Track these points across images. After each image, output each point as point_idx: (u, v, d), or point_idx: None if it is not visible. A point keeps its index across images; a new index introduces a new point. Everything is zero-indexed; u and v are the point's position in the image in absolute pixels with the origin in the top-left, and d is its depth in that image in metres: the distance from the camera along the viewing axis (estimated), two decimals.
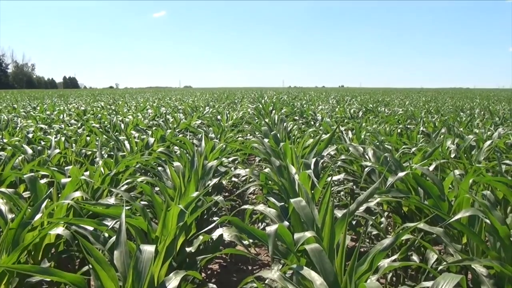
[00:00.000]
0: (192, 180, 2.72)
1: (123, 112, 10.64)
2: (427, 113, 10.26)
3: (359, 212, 2.55)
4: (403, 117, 8.66)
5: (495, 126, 7.03)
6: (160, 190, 2.79)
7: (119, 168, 3.38)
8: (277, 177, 3.09)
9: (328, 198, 2.18)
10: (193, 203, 2.36)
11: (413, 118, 8.29)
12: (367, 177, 3.47)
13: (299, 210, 2.16)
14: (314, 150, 3.82)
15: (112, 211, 2.26)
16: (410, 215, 2.87)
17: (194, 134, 6.41)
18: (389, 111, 10.73)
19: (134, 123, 7.31)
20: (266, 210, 2.42)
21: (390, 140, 4.75)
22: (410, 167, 2.99)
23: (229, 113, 9.16)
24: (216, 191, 3.73)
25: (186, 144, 4.60)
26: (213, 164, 3.35)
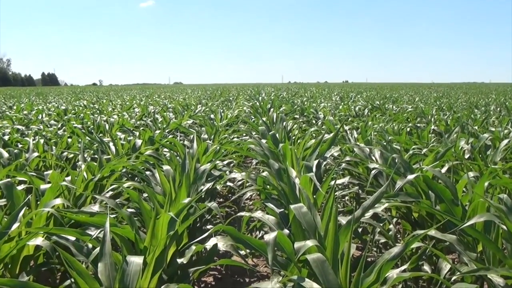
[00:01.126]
0: (183, 185, 2.72)
1: (108, 111, 10.63)
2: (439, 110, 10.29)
3: (365, 219, 2.56)
4: (413, 114, 8.69)
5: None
6: (149, 196, 2.79)
7: (103, 172, 3.38)
8: (276, 181, 3.09)
9: (331, 203, 2.19)
10: (184, 210, 2.36)
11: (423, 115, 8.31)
12: (373, 180, 3.48)
13: (300, 216, 2.17)
14: (316, 152, 3.82)
15: (96, 220, 2.26)
16: (421, 221, 2.88)
17: (185, 135, 6.41)
18: (397, 108, 10.76)
19: (120, 123, 7.30)
20: (264, 217, 2.42)
21: (398, 140, 4.77)
22: (421, 169, 3.00)
23: (223, 112, 9.16)
24: (210, 197, 3.73)
25: (177, 146, 4.60)
26: (206, 168, 3.35)
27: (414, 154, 4.00)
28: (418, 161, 3.73)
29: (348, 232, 1.97)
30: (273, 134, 4.90)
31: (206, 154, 4.13)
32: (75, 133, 6.16)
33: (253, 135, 5.46)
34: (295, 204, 2.32)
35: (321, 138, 4.08)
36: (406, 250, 1.85)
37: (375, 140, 4.52)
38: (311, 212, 2.27)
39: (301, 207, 2.25)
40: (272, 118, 7.51)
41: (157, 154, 4.31)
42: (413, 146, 4.44)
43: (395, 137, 4.98)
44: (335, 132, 4.16)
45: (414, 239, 1.88)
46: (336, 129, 5.42)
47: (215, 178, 3.67)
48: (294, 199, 2.67)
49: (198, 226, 3.24)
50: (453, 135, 5.24)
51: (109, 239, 1.84)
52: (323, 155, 3.88)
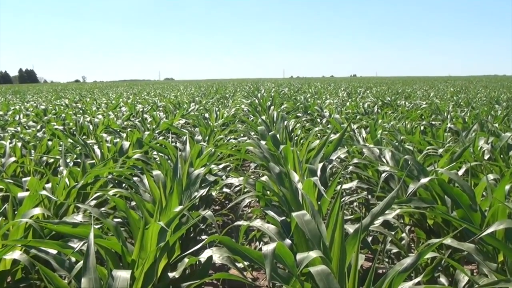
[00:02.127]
0: (174, 192, 2.73)
1: (92, 110, 10.64)
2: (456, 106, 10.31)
3: (375, 227, 2.57)
4: (427, 111, 8.70)
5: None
6: (137, 204, 2.79)
7: (87, 179, 3.39)
8: (276, 187, 3.10)
9: (337, 210, 2.19)
10: (176, 220, 2.37)
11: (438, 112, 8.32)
12: (384, 184, 3.48)
13: (303, 225, 2.17)
14: (320, 153, 3.83)
15: (79, 231, 2.26)
16: (436, 229, 2.89)
17: (177, 136, 6.41)
18: (410, 105, 10.77)
19: (105, 124, 7.31)
20: (264, 226, 2.43)
21: (411, 140, 4.77)
22: (435, 171, 3.01)
23: (219, 111, 9.17)
24: (205, 204, 3.73)
25: (168, 148, 4.61)
26: (200, 172, 3.36)
27: (429, 155, 4.00)
28: (432, 162, 3.74)
29: (355, 242, 1.98)
30: (273, 135, 4.90)
31: (200, 157, 4.14)
32: (56, 135, 6.17)
33: (251, 135, 5.47)
34: (297, 212, 2.33)
35: (327, 138, 4.09)
36: (420, 260, 1.86)
37: (386, 140, 4.52)
38: (315, 220, 2.28)
39: (304, 214, 2.26)
40: (273, 117, 7.52)
41: (146, 158, 4.31)
42: (428, 146, 4.45)
43: (407, 136, 4.99)
44: (341, 132, 4.17)
45: (428, 249, 1.88)
46: (343, 128, 5.43)
47: (210, 183, 3.67)
48: (297, 206, 2.68)
49: (192, 237, 3.24)
50: (471, 134, 5.25)
51: (94, 252, 1.84)
52: (328, 157, 3.89)
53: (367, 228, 2.21)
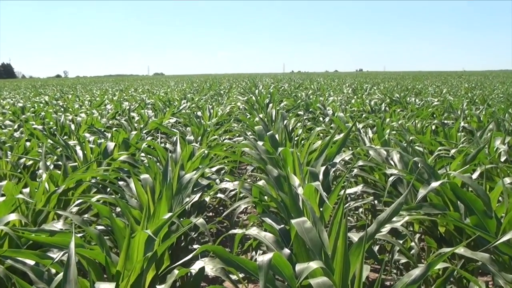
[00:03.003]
0: (164, 198, 2.73)
1: (74, 108, 10.63)
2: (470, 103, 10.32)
3: (382, 235, 2.57)
4: (439, 109, 8.71)
5: None
6: (122, 211, 2.80)
7: (69, 183, 3.39)
8: (275, 191, 3.10)
9: (340, 217, 2.20)
10: (165, 227, 2.37)
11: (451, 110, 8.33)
12: (392, 189, 3.49)
13: (303, 233, 2.18)
14: (323, 155, 3.84)
15: (59, 240, 2.26)
16: (448, 237, 2.90)
17: (167, 137, 6.41)
18: (420, 102, 10.79)
19: (88, 123, 7.31)
20: (261, 235, 2.43)
21: (421, 140, 4.78)
22: (447, 174, 3.02)
23: (212, 108, 9.18)
24: (197, 210, 3.73)
25: (157, 150, 4.61)
26: (192, 176, 3.36)
27: (440, 157, 4.01)
28: (444, 165, 3.75)
29: (360, 251, 1.98)
30: (271, 135, 4.91)
31: (192, 159, 4.14)
32: (34, 135, 6.16)
33: (248, 135, 5.47)
34: (297, 219, 2.33)
35: (330, 139, 4.09)
36: (430, 271, 1.87)
37: (394, 141, 4.53)
38: (317, 227, 2.28)
39: (304, 221, 2.26)
40: (271, 116, 7.53)
41: (133, 160, 4.31)
42: (439, 147, 4.45)
43: (417, 136, 4.99)
44: (346, 132, 4.18)
45: (439, 259, 1.89)
46: (347, 128, 5.43)
47: (203, 188, 3.67)
48: (297, 212, 2.68)
49: (183, 246, 3.25)
50: (486, 134, 5.26)
51: (75, 263, 1.84)
52: (331, 159, 3.89)
53: (373, 237, 2.21)
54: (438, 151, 4.20)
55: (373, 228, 2.18)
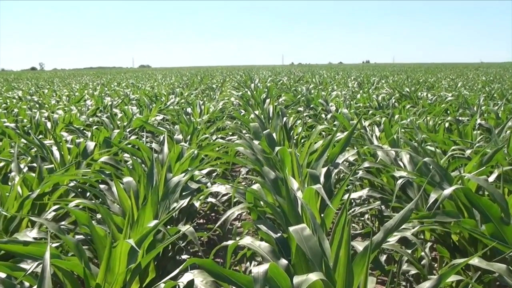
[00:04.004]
0: (149, 203, 2.73)
1: (51, 104, 10.61)
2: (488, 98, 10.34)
3: (389, 244, 2.57)
4: (454, 105, 8.72)
5: None
6: (103, 217, 2.79)
7: (44, 187, 3.38)
8: (271, 196, 3.10)
9: (344, 224, 2.20)
10: (150, 236, 2.37)
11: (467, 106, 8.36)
12: (401, 193, 3.49)
13: (302, 242, 2.18)
14: (324, 156, 3.84)
15: (33, 250, 2.26)
16: (462, 247, 2.90)
17: (154, 135, 6.41)
18: (433, 97, 10.80)
19: (67, 120, 7.30)
20: (255, 244, 2.43)
21: (434, 139, 4.79)
22: (461, 177, 3.02)
23: (203, 104, 9.17)
24: (186, 217, 3.73)
25: (142, 150, 4.61)
26: (180, 179, 3.36)
27: (454, 158, 4.02)
28: (458, 166, 3.75)
29: (364, 262, 1.99)
30: (268, 133, 4.91)
31: (181, 161, 4.13)
32: (6, 134, 6.15)
33: (242, 134, 5.47)
34: (296, 226, 2.33)
35: (332, 137, 4.09)
36: (442, 284, 1.87)
37: (403, 140, 4.54)
38: (317, 235, 2.28)
39: (303, 229, 2.26)
40: (268, 112, 7.52)
41: (116, 162, 4.30)
42: (453, 146, 4.46)
43: (429, 135, 5.00)
44: (350, 130, 4.17)
45: (452, 270, 1.90)
46: (352, 125, 5.43)
47: (192, 192, 3.67)
48: (295, 219, 2.68)
49: (170, 256, 3.25)
50: (505, 132, 5.27)
51: (50, 275, 1.84)
52: (334, 160, 3.89)
53: (379, 246, 2.22)
54: (452, 151, 4.21)
55: (380, 237, 2.18)
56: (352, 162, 4.47)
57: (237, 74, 32.04)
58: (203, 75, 31.84)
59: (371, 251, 1.96)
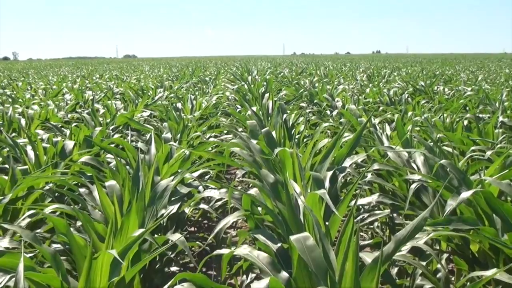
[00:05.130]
0: (133, 209, 2.73)
1: (25, 99, 10.60)
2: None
3: (401, 255, 2.57)
4: (473, 100, 8.73)
5: None
6: (83, 225, 2.79)
7: (17, 191, 3.38)
8: (270, 202, 3.10)
9: (351, 233, 2.20)
10: (135, 246, 2.37)
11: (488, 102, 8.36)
12: (414, 198, 3.50)
13: (305, 252, 2.18)
14: (330, 157, 3.83)
15: (4, 261, 2.26)
16: (482, 258, 2.91)
17: (140, 134, 6.40)
18: (450, 92, 10.81)
19: (43, 117, 7.29)
20: (253, 255, 2.43)
21: (451, 139, 4.79)
22: (482, 181, 3.02)
23: (195, 99, 9.17)
24: (175, 225, 3.73)
25: (126, 150, 4.60)
26: (169, 183, 3.36)
27: (474, 159, 4.02)
28: (478, 169, 3.76)
29: (374, 276, 1.99)
30: (267, 132, 4.90)
31: (170, 162, 4.13)
32: None
33: (238, 132, 5.46)
34: (297, 235, 2.33)
35: (338, 137, 4.09)
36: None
37: (417, 140, 4.54)
38: (322, 246, 2.28)
39: (306, 238, 2.26)
40: (267, 108, 7.53)
41: (97, 163, 4.30)
42: (472, 146, 4.46)
43: (446, 133, 5.00)
44: (360, 129, 4.17)
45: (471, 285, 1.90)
46: (360, 123, 5.44)
47: (183, 197, 3.67)
48: (297, 227, 2.68)
49: (158, 268, 3.24)
50: None
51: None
52: (340, 162, 3.89)
53: (390, 257, 2.22)
54: (471, 152, 4.22)
55: (391, 247, 2.19)
56: (360, 164, 4.47)
57: (233, 66, 32.03)
58: (195, 66, 31.81)
59: (381, 264, 1.96)
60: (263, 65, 33.29)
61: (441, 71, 21.05)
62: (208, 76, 19.66)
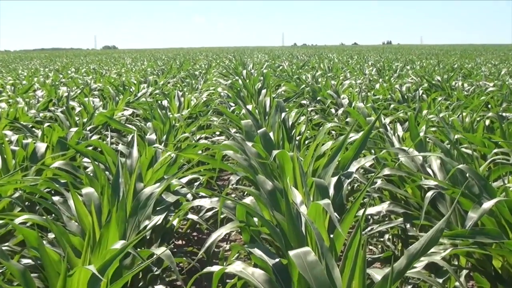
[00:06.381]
0: (113, 220, 2.73)
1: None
2: None
3: (415, 272, 2.58)
4: (496, 97, 8.73)
5: None
6: (57, 238, 2.78)
7: None
8: (268, 212, 3.10)
9: (358, 247, 2.20)
10: (115, 262, 2.36)
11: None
12: (430, 207, 3.50)
13: (305, 270, 2.18)
14: (335, 161, 3.84)
15: None
16: (507, 275, 2.91)
17: (121, 135, 6.40)
18: (470, 87, 10.82)
19: (11, 116, 7.27)
20: (248, 272, 2.43)
21: (471, 140, 4.79)
22: (506, 188, 3.02)
23: (183, 96, 9.16)
24: (160, 237, 3.72)
25: (105, 153, 4.59)
26: (154, 190, 3.35)
27: (497, 164, 4.03)
28: (502, 175, 3.76)
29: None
30: (264, 133, 4.91)
31: (154, 167, 4.13)
32: None
33: (232, 133, 5.47)
34: (298, 249, 2.33)
35: (344, 138, 4.09)
36: None
37: (433, 141, 4.54)
38: (325, 262, 2.28)
39: (307, 253, 2.26)
40: (264, 106, 7.53)
41: (73, 168, 4.29)
42: (495, 149, 4.46)
43: (465, 135, 5.00)
44: (367, 129, 4.17)
45: None
46: (369, 123, 5.44)
47: (169, 206, 3.66)
48: (298, 240, 2.68)
49: (141, 286, 3.24)
50: None
51: None
52: (346, 167, 3.89)
53: (402, 274, 2.22)
54: (494, 156, 4.21)
55: (403, 263, 2.19)
56: (368, 169, 4.46)
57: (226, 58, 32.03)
58: (183, 59, 31.83)
59: (392, 281, 1.96)
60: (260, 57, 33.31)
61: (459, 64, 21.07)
62: (198, 70, 19.67)
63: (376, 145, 4.75)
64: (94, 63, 30.17)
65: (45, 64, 29.30)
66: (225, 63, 24.30)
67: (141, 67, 23.03)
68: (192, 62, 26.77)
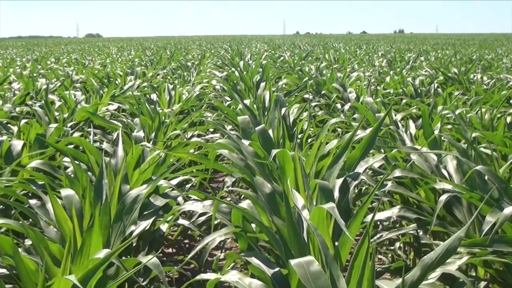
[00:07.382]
0: (96, 225, 2.73)
1: None
2: None
3: (428, 284, 2.58)
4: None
5: None
6: (34, 245, 2.78)
7: None
8: (266, 217, 3.10)
9: (365, 256, 2.20)
10: (99, 271, 2.36)
11: None
12: (445, 212, 3.50)
13: (308, 280, 2.18)
14: (340, 161, 3.83)
15: None
16: None
17: (105, 132, 6.39)
18: (490, 81, 10.82)
19: None
20: (244, 282, 2.43)
21: (490, 139, 4.79)
22: None
23: (174, 89, 9.16)
24: (148, 245, 3.72)
25: (88, 152, 4.59)
26: (140, 193, 3.35)
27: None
28: None
29: None
30: (262, 130, 4.91)
31: (141, 167, 4.13)
32: None
33: (227, 131, 5.47)
34: (299, 258, 2.33)
35: (351, 136, 4.09)
36: None
37: (448, 140, 4.54)
38: (329, 272, 2.28)
39: (309, 263, 2.26)
40: (263, 101, 7.52)
41: (51, 168, 4.29)
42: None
43: (484, 133, 5.00)
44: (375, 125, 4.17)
45: None
46: (378, 119, 5.44)
47: (158, 211, 3.66)
48: (299, 248, 2.68)
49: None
50: None
51: None
52: (353, 167, 3.89)
53: (415, 287, 2.22)
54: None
55: (416, 274, 2.19)
56: (377, 170, 4.46)
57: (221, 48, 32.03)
58: (174, 48, 31.82)
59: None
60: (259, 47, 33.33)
61: (478, 56, 21.07)
62: (190, 60, 19.65)
63: (386, 143, 4.75)
64: (76, 52, 30.15)
65: (22, 54, 29.29)
66: (220, 53, 24.30)
67: (128, 57, 23.01)
68: (184, 52, 26.75)
